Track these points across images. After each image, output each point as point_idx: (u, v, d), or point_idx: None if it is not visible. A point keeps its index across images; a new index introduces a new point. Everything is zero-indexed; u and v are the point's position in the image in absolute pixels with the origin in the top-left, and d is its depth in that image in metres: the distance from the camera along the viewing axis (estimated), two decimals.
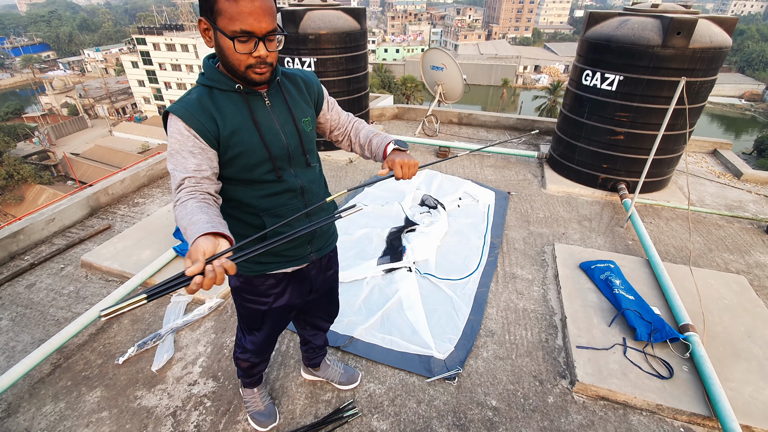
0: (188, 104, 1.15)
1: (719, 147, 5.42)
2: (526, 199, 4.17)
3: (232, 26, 1.07)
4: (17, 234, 3.32)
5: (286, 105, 1.30)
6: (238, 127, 1.19)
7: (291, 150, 1.30)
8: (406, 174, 1.28)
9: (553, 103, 30.33)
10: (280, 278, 1.48)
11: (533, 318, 2.64)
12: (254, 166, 1.24)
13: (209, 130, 1.15)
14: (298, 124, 1.31)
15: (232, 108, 1.20)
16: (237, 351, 1.77)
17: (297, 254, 1.45)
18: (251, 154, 1.22)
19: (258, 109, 1.24)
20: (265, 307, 1.52)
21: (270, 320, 1.59)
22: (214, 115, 1.17)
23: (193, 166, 1.13)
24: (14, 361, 2.34)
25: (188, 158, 1.13)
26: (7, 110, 34.48)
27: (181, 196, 1.10)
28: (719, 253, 3.36)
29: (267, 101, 1.26)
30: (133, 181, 4.41)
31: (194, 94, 1.19)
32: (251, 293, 1.49)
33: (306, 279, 1.55)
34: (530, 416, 2.03)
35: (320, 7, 4.76)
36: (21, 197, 21.96)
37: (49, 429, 1.97)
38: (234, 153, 1.20)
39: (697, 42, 3.43)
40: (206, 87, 1.20)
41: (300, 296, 1.57)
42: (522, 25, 72.42)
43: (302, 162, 1.36)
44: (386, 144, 1.39)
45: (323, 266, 1.61)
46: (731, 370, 2.19)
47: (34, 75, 46.12)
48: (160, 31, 35.46)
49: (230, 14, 1.06)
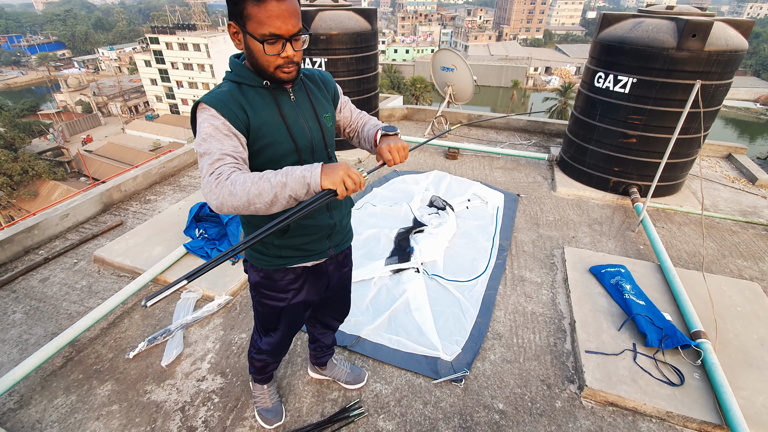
0: (220, 95, 1.19)
1: (734, 151, 5.33)
2: (535, 201, 4.15)
3: (261, 30, 1.11)
4: (32, 229, 3.38)
5: (309, 101, 1.35)
6: (266, 119, 1.24)
7: (314, 143, 1.35)
8: (396, 158, 1.25)
9: (563, 105, 30.07)
10: (299, 273, 1.51)
11: (542, 321, 2.62)
12: (281, 158, 1.28)
13: (240, 119, 1.18)
14: (320, 119, 1.37)
15: (261, 102, 1.24)
16: (252, 351, 1.80)
17: (317, 248, 1.48)
18: (279, 146, 1.27)
19: (284, 103, 1.29)
20: (283, 303, 1.54)
21: (286, 319, 1.61)
22: (244, 106, 1.21)
23: (231, 147, 1.14)
24: (27, 353, 2.38)
25: (224, 140, 1.14)
26: (23, 107, 35.13)
27: (224, 170, 1.08)
28: (733, 259, 3.31)
29: (292, 96, 1.31)
30: (145, 179, 4.46)
31: (225, 87, 1.23)
32: (270, 289, 1.51)
33: (323, 275, 1.58)
34: (537, 420, 2.01)
35: (331, 7, 4.78)
36: (35, 193, 22.35)
37: (60, 421, 2.00)
38: (263, 144, 1.24)
39: (713, 45, 3.38)
40: (235, 83, 1.24)
41: (317, 292, 1.60)
42: (533, 27, 71.97)
43: (324, 156, 1.40)
44: (375, 132, 1.41)
45: (340, 262, 1.64)
46: (743, 378, 2.15)
47: (50, 73, 46.92)
48: (172, 31, 35.88)
49: (259, 18, 1.10)
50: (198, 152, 1.14)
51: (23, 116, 33.85)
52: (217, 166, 1.09)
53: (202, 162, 1.12)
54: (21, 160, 22.44)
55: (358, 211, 3.86)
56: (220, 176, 1.07)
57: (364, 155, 5.14)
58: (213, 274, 2.93)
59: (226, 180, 1.06)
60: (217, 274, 2.93)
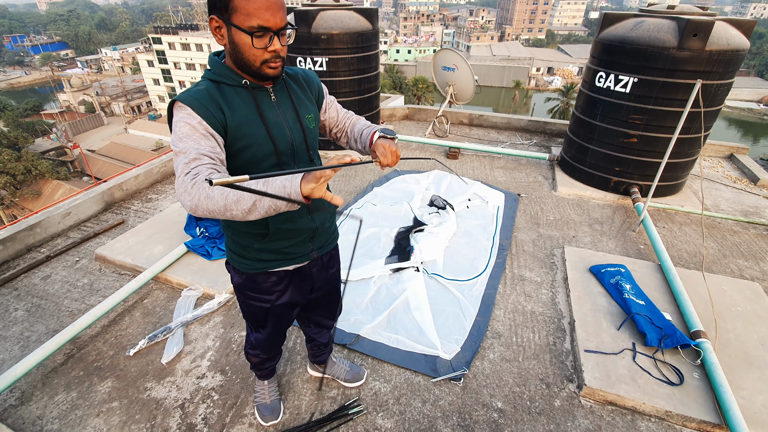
0: (196, 93, 1.15)
1: (736, 151, 5.31)
2: (536, 201, 4.14)
3: (249, 22, 1.08)
4: (34, 227, 3.40)
5: (290, 101, 1.32)
6: (245, 120, 1.20)
7: (295, 145, 1.32)
8: (389, 161, 1.22)
9: (566, 105, 30.01)
10: (281, 276, 1.49)
11: (541, 321, 2.62)
12: (260, 160, 1.25)
13: (217, 119, 1.14)
14: (302, 121, 1.33)
15: (240, 101, 1.21)
16: (247, 347, 1.80)
17: (299, 252, 1.46)
18: (258, 147, 1.23)
19: (264, 104, 1.25)
20: (267, 305, 1.53)
21: (273, 318, 1.60)
22: (221, 105, 1.17)
23: (208, 147, 1.10)
24: (29, 350, 2.40)
25: (201, 140, 1.10)
26: (27, 107, 35.27)
27: (200, 170, 1.03)
28: (734, 259, 3.30)
29: (273, 97, 1.28)
30: (147, 178, 4.48)
31: (202, 86, 1.19)
32: (254, 290, 1.50)
33: (308, 277, 1.56)
34: (536, 419, 2.01)
35: (333, 7, 4.79)
36: (38, 192, 22.44)
37: (61, 417, 2.01)
38: (241, 145, 1.21)
39: (714, 44, 3.37)
40: (213, 82, 1.21)
41: (302, 294, 1.58)
42: (535, 27, 71.86)
43: (305, 158, 1.37)
44: (372, 133, 1.39)
45: (325, 264, 1.62)
46: (743, 378, 2.15)
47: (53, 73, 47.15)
48: (175, 31, 35.99)
49: (247, 10, 1.07)
50: (174, 151, 1.10)
51: (26, 116, 33.99)
52: (194, 166, 1.04)
53: (177, 160, 1.07)
54: (24, 160, 22.52)
55: (358, 210, 3.87)
56: (197, 176, 1.01)
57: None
58: (213, 273, 2.94)
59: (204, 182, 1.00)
60: (217, 272, 2.94)
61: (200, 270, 2.97)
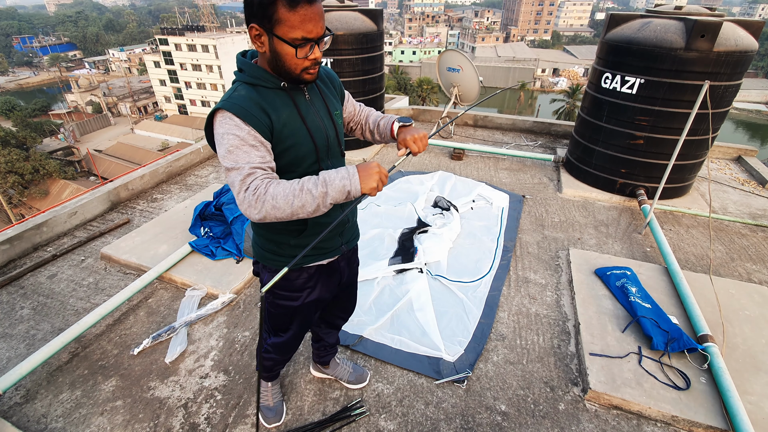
0: (240, 100, 1.17)
1: (744, 154, 5.25)
2: (541, 202, 4.12)
3: (293, 34, 1.11)
4: (41, 226, 3.42)
5: (322, 99, 1.36)
6: (288, 121, 1.24)
7: (330, 141, 1.36)
8: (420, 147, 1.33)
9: (571, 107, 29.84)
10: (312, 272, 1.52)
11: (545, 323, 2.60)
12: (302, 158, 1.30)
13: (264, 124, 1.18)
14: (333, 117, 1.38)
15: (280, 103, 1.24)
16: (261, 350, 1.80)
17: (331, 246, 1.50)
18: (300, 147, 1.27)
19: (301, 104, 1.29)
20: (297, 303, 1.55)
21: (298, 318, 1.62)
22: (266, 109, 1.20)
23: (258, 158, 1.15)
24: (34, 348, 2.41)
25: (251, 152, 1.14)
26: (35, 107, 35.63)
27: (258, 183, 1.11)
28: (742, 262, 3.26)
29: (307, 96, 1.31)
30: (152, 178, 4.51)
31: (242, 91, 1.20)
32: (285, 289, 1.52)
33: (336, 272, 1.59)
34: (540, 423, 2.00)
35: (337, 8, 4.79)
36: (46, 191, 22.66)
37: (66, 416, 2.02)
38: (286, 145, 1.24)
39: (722, 45, 3.34)
40: (250, 85, 1.22)
41: (329, 290, 1.61)
42: (541, 28, 71.62)
43: (338, 153, 1.42)
44: (391, 123, 1.45)
45: (350, 259, 1.66)
46: (751, 383, 2.12)
47: (61, 73, 47.60)
48: (182, 32, 36.20)
49: (291, 23, 1.09)
50: (225, 166, 1.14)
51: (35, 116, 34.34)
52: (250, 181, 1.11)
53: (231, 176, 1.13)
54: (32, 159, 22.76)
55: (362, 211, 3.86)
56: (257, 190, 1.10)
57: (368, 155, 5.15)
58: (217, 273, 2.95)
59: (266, 194, 1.10)
60: (221, 272, 2.95)
61: (204, 270, 2.98)
